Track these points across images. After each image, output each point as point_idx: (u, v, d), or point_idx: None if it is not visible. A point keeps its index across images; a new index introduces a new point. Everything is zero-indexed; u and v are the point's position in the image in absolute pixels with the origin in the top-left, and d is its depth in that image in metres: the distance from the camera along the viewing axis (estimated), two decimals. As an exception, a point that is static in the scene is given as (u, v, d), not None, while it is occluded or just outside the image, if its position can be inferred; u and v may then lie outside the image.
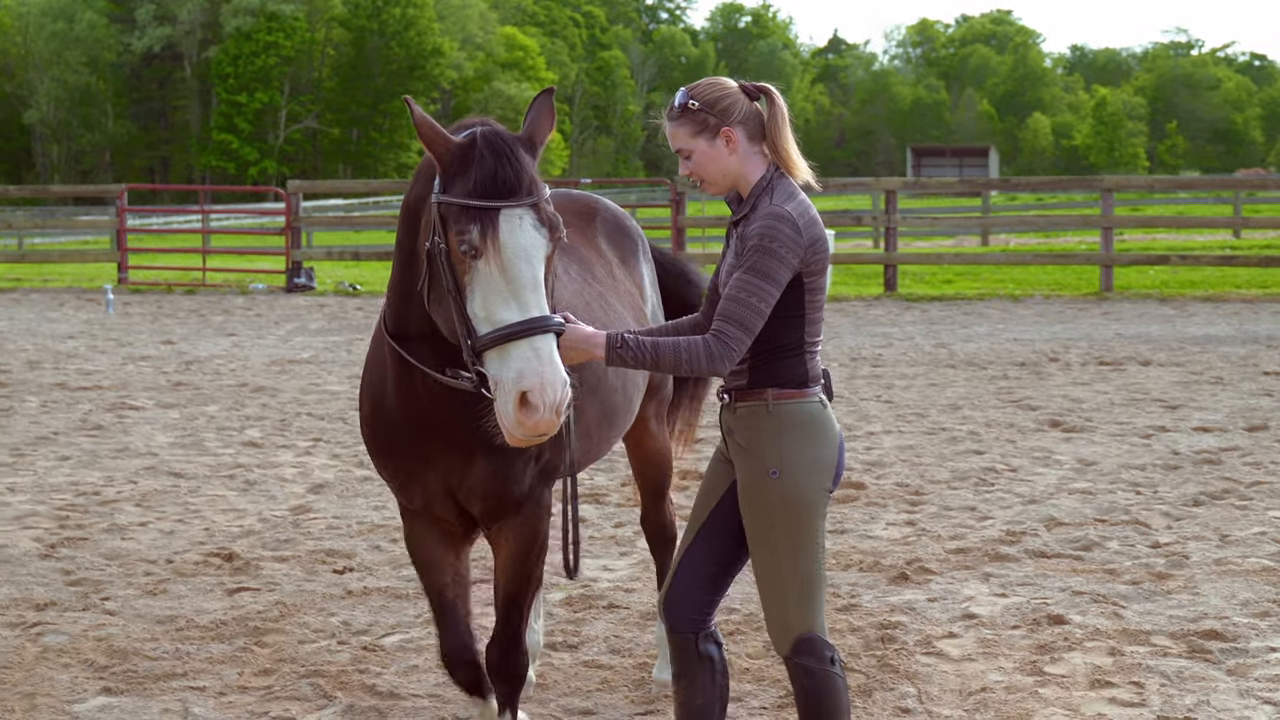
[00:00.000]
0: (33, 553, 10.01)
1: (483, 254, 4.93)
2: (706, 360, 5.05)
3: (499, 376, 4.88)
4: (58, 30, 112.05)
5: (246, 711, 7.14)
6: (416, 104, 5.12)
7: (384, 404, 5.70)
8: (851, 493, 11.53)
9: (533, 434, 4.85)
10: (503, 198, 4.96)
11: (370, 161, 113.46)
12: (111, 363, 19.81)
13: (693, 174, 5.31)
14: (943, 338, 21.86)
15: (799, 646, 5.30)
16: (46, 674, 7.65)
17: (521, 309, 4.90)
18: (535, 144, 5.15)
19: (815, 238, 5.13)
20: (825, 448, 5.25)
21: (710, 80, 5.32)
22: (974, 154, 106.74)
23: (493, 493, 5.67)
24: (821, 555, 5.31)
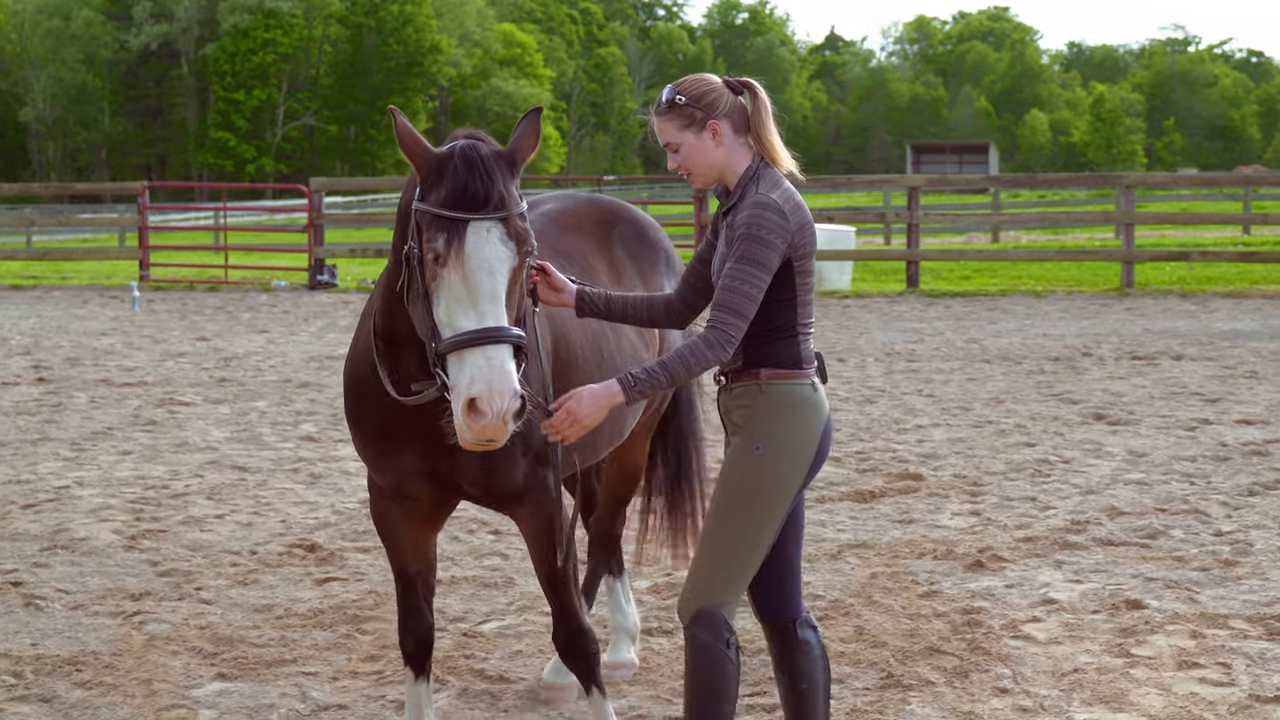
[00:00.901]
0: (116, 545, 10.17)
1: (447, 262, 5.11)
2: (710, 353, 5.22)
3: (454, 381, 5.06)
4: (54, 27, 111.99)
5: (362, 695, 7.32)
6: (401, 115, 5.29)
7: (365, 382, 5.85)
8: (911, 484, 11.73)
9: (480, 439, 5.02)
10: (471, 210, 5.13)
11: (368, 159, 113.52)
12: (150, 359, 19.98)
13: (680, 167, 5.48)
14: (972, 333, 22.05)
15: (699, 618, 5.44)
16: (158, 661, 7.82)
17: (479, 318, 5.08)
18: (516, 161, 5.30)
19: (801, 223, 5.29)
20: (810, 433, 5.39)
21: (695, 76, 5.48)
22: (974, 150, 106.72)
23: (479, 481, 5.84)
24: (766, 543, 5.43)
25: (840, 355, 19.63)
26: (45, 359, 19.95)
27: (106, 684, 7.46)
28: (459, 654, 7.88)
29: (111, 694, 7.33)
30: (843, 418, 14.71)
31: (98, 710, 7.13)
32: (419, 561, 6.24)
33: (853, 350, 20.16)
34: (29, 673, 7.64)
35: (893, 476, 11.99)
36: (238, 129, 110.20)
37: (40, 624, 8.46)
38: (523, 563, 9.68)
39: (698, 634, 5.43)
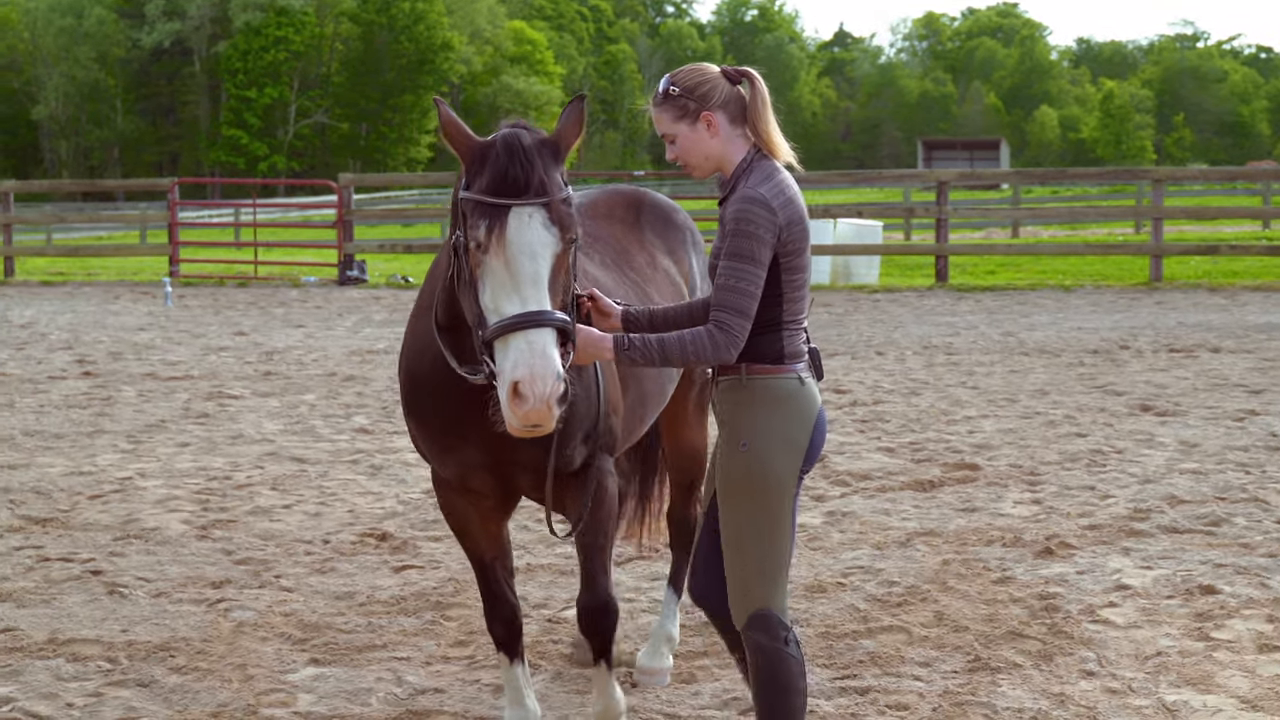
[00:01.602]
0: (188, 534, 10.28)
1: (489, 248, 5.16)
2: (712, 349, 5.23)
3: (500, 368, 5.10)
4: (66, 26, 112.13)
5: (458, 680, 7.41)
6: (445, 104, 5.36)
7: (423, 377, 5.93)
8: (969, 473, 11.82)
9: (526, 424, 5.03)
10: (513, 195, 5.17)
11: (379, 156, 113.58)
12: (192, 353, 20.09)
13: (677, 158, 5.47)
14: (1006, 327, 22.13)
15: (754, 621, 5.45)
16: (249, 647, 7.92)
17: (522, 302, 5.10)
18: (560, 148, 5.32)
19: (792, 217, 5.28)
20: (799, 425, 5.37)
21: (692, 66, 5.48)
22: (985, 146, 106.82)
23: (542, 468, 5.85)
24: (786, 534, 5.44)
25: (879, 349, 19.72)
26: (88, 353, 20.08)
27: (201, 669, 7.56)
28: (546, 640, 7.97)
29: (208, 679, 7.43)
30: (890, 409, 14.82)
31: (197, 694, 7.22)
32: (494, 549, 6.31)
33: (890, 344, 20.24)
34: (123, 658, 7.74)
35: (949, 466, 12.07)
36: (250, 127, 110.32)
37: (126, 611, 8.56)
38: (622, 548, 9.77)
39: (755, 637, 5.46)
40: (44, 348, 20.78)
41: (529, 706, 6.43)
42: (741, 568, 5.44)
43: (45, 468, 12.51)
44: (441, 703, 7.10)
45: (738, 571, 5.46)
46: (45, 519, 10.72)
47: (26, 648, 7.89)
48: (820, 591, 8.72)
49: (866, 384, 16.52)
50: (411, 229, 49.19)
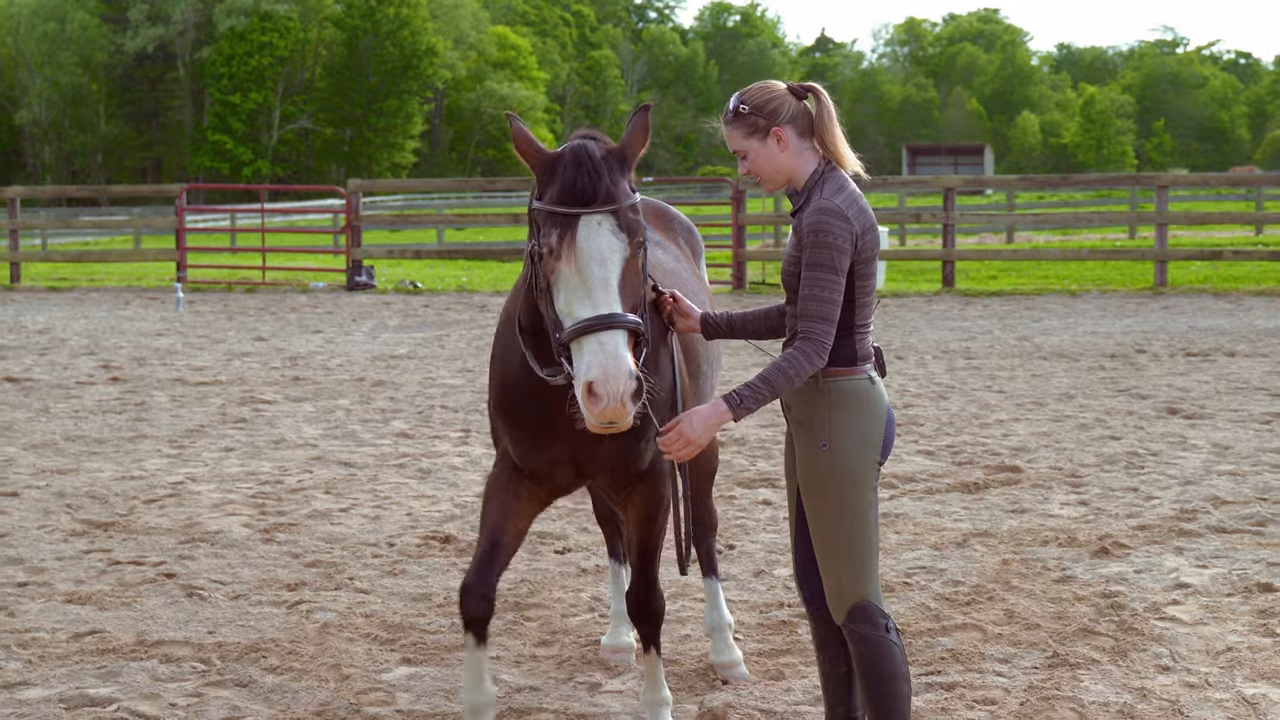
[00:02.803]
0: (252, 538, 10.42)
1: (561, 255, 5.40)
2: (807, 364, 5.43)
3: (575, 369, 5.34)
4: (49, 30, 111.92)
5: (550, 679, 7.58)
6: (518, 120, 5.61)
7: (515, 382, 6.13)
8: (1012, 475, 12.01)
9: (602, 421, 5.26)
10: (582, 205, 5.41)
11: (364, 161, 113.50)
12: (216, 358, 20.21)
13: (750, 172, 5.70)
14: (1020, 331, 22.34)
15: (854, 614, 5.64)
16: (338, 647, 8.07)
17: (594, 306, 5.33)
18: (627, 157, 5.57)
19: (866, 226, 5.49)
20: (873, 422, 5.59)
21: (760, 85, 5.68)
22: (969, 152, 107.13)
23: (619, 466, 6.17)
24: (872, 525, 5.64)
25: (898, 353, 19.92)
26: (111, 359, 20.18)
27: (296, 669, 7.71)
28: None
29: (304, 678, 7.58)
30: (920, 413, 15.01)
31: (296, 694, 7.37)
32: (513, 534, 6.46)
33: (908, 348, 20.43)
34: (215, 659, 7.88)
35: (991, 469, 12.26)
36: (234, 132, 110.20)
37: (208, 613, 8.71)
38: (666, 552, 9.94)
39: (857, 629, 5.64)
40: (66, 353, 20.88)
41: (486, 690, 6.58)
42: (835, 563, 5.64)
43: (95, 472, 12.63)
44: (540, 700, 7.26)
45: (831, 567, 5.65)
46: (106, 523, 10.85)
47: (117, 649, 8.03)
48: (888, 591, 8.90)
49: (893, 388, 16.70)
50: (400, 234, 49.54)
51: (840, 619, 5.69)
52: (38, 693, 7.36)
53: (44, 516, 11.08)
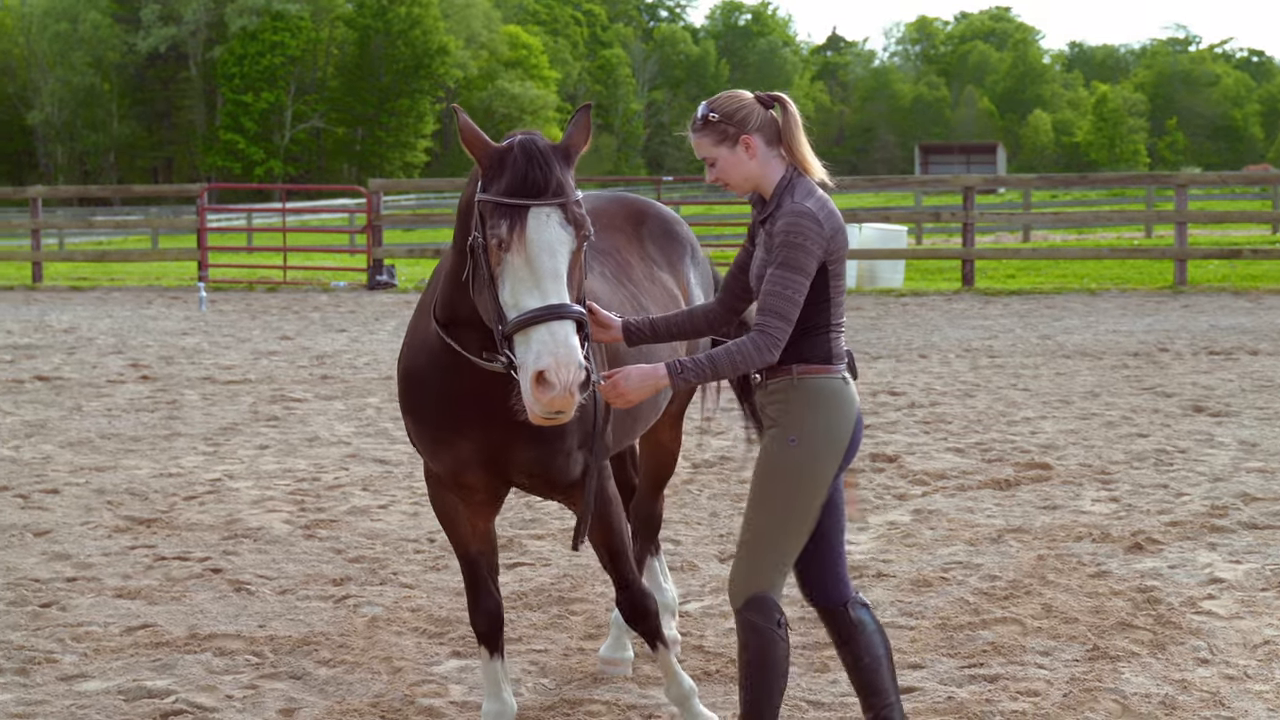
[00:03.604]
0: (294, 534, 10.55)
1: (510, 246, 5.45)
2: (756, 355, 5.55)
3: (522, 359, 5.36)
4: (61, 31, 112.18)
5: (598, 671, 7.70)
6: (464, 112, 5.65)
7: (422, 375, 6.21)
8: (1041, 472, 12.13)
9: (549, 410, 5.30)
10: (532, 196, 5.48)
11: (376, 160, 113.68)
12: (243, 357, 20.36)
13: (718, 179, 5.81)
14: (1041, 330, 22.43)
15: (751, 603, 5.78)
16: (388, 640, 8.20)
17: (543, 297, 5.38)
18: (570, 154, 5.63)
19: (835, 229, 5.63)
20: (843, 423, 5.70)
21: (728, 93, 5.82)
22: (982, 151, 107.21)
23: (539, 474, 6.19)
24: (807, 529, 5.76)
25: (921, 351, 20.03)
26: (139, 358, 20.34)
27: (349, 662, 7.84)
28: (678, 633, 8.24)
29: (357, 671, 7.71)
30: (947, 410, 15.13)
31: (351, 686, 7.50)
32: (480, 542, 6.60)
33: (931, 347, 20.54)
34: (268, 652, 8.01)
35: (1021, 466, 12.38)
36: (246, 131, 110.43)
37: (257, 608, 8.84)
38: (696, 546, 10.09)
39: (750, 617, 5.78)
40: (94, 352, 21.04)
41: (506, 700, 6.71)
42: (755, 552, 5.77)
43: (132, 469, 12.78)
44: (590, 692, 7.38)
45: (749, 554, 5.78)
46: (148, 519, 10.99)
47: (170, 643, 8.16)
48: (926, 586, 9.02)
49: (918, 386, 16.82)
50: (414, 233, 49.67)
51: (737, 605, 5.82)
52: (96, 685, 7.50)
53: (86, 513, 11.22)
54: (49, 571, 9.62)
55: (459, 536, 6.58)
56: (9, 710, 7.11)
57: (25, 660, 7.85)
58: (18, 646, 8.08)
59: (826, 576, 5.99)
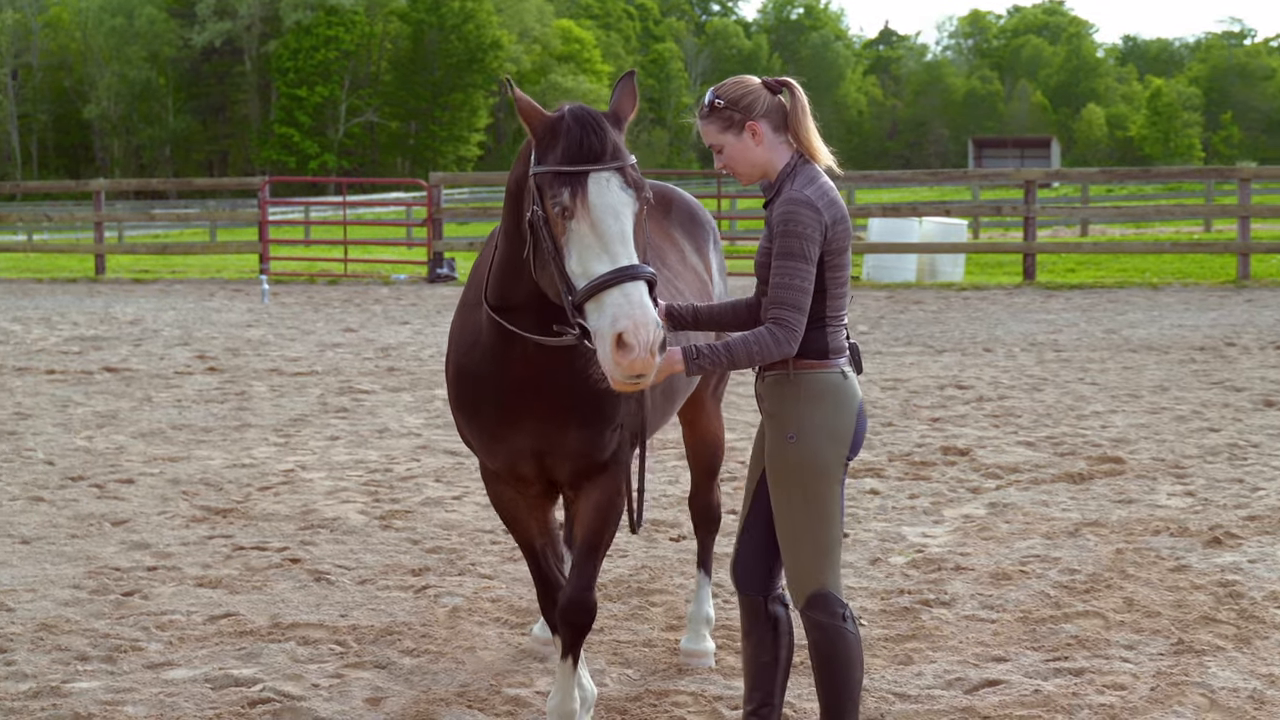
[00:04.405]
0: (370, 525, 10.59)
1: (574, 213, 5.37)
2: (774, 346, 5.51)
3: (597, 325, 5.25)
4: (117, 25, 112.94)
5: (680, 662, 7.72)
6: (515, 84, 5.64)
7: (474, 369, 6.16)
8: (1115, 466, 12.08)
9: (630, 374, 5.19)
10: (590, 162, 5.40)
11: (429, 155, 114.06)
12: (309, 349, 20.46)
13: (725, 166, 5.77)
14: (1105, 324, 22.34)
15: (812, 601, 5.75)
16: (470, 630, 8.23)
17: (612, 260, 5.29)
18: (620, 119, 5.58)
19: (836, 217, 5.57)
20: (843, 417, 5.66)
21: (735, 79, 5.77)
22: (1035, 145, 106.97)
23: (582, 457, 6.13)
24: (835, 517, 5.73)
25: (985, 345, 19.98)
26: (205, 349, 20.46)
27: (433, 652, 7.87)
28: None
29: (441, 660, 7.74)
30: (1016, 404, 15.09)
31: (436, 676, 7.52)
32: (542, 535, 6.57)
33: (995, 341, 20.49)
34: (352, 641, 8.05)
35: (1094, 460, 12.34)
36: (300, 125, 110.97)
37: (338, 598, 8.88)
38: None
39: (814, 616, 5.76)
40: (160, 344, 21.17)
41: (585, 685, 6.71)
42: (797, 552, 5.75)
43: (205, 460, 12.86)
44: (675, 684, 7.39)
45: (793, 556, 5.77)
46: (224, 510, 11.05)
47: (254, 632, 8.21)
48: (1005, 579, 9.00)
49: (985, 380, 16.78)
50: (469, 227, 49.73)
51: (799, 605, 5.80)
52: (183, 673, 7.54)
53: (162, 503, 11.29)
54: (129, 560, 9.69)
55: (521, 530, 6.56)
56: (98, 698, 7.17)
57: (111, 648, 7.90)
58: (103, 635, 8.14)
59: (758, 564, 5.99)
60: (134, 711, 7.01)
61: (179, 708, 7.07)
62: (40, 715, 6.94)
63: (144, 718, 6.95)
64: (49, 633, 8.16)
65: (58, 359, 19.58)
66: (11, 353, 20.30)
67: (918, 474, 11.96)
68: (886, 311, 24.86)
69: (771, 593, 5.99)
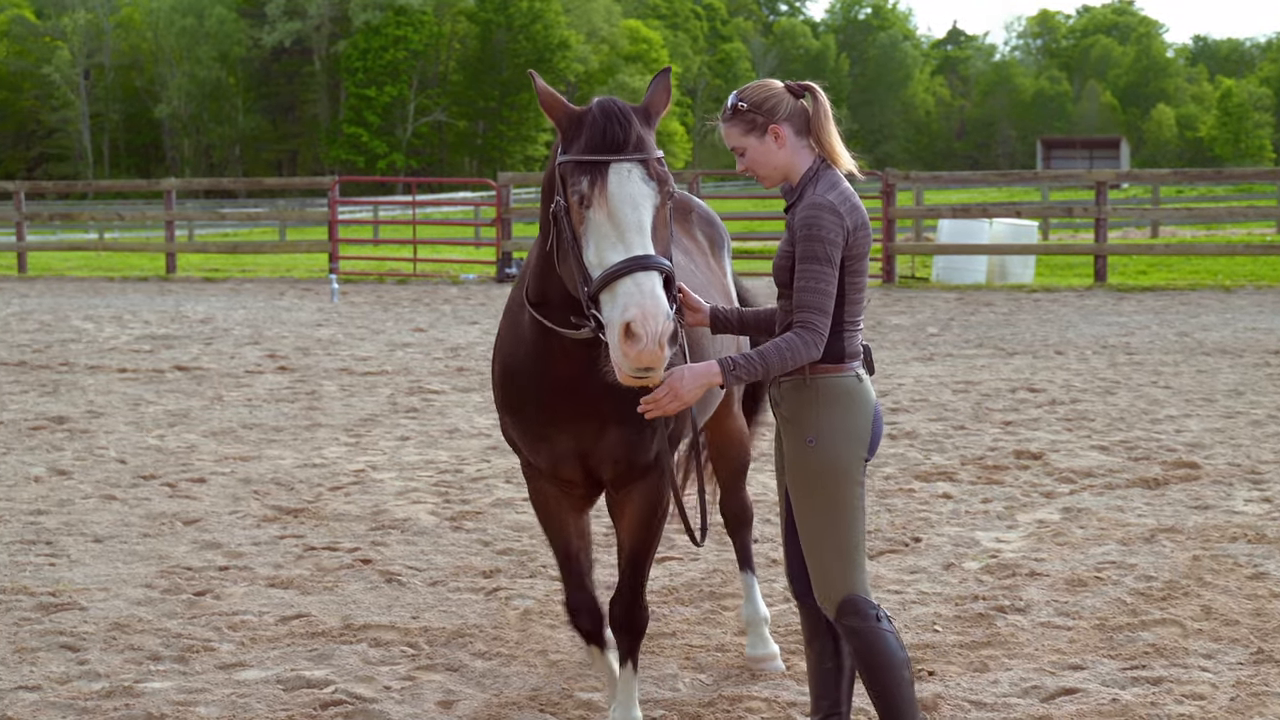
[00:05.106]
0: (441, 525, 10.59)
1: (592, 202, 5.35)
2: (804, 350, 5.50)
3: (608, 316, 5.22)
4: (188, 26, 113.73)
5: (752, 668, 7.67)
6: (540, 77, 5.64)
7: (518, 369, 6.13)
8: (1190, 471, 11.95)
9: (638, 366, 5.15)
10: (612, 152, 5.38)
11: (497, 154, 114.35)
12: (378, 349, 20.52)
13: (747, 169, 5.76)
14: (1178, 327, 22.13)
15: (844, 608, 5.71)
16: (541, 633, 8.20)
17: (627, 250, 5.25)
18: (651, 115, 5.56)
19: (858, 222, 5.58)
20: (860, 419, 5.66)
21: (758, 83, 5.76)
22: (1104, 145, 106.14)
23: (623, 458, 6.09)
24: (858, 520, 5.71)
25: (1057, 348, 19.83)
26: (275, 349, 20.55)
27: (504, 654, 7.85)
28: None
29: (513, 664, 7.71)
30: (1088, 408, 14.96)
31: (508, 679, 7.50)
32: (580, 539, 6.56)
33: (1067, 343, 20.33)
34: (423, 643, 8.04)
35: (1169, 465, 12.21)
36: (369, 125, 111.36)
37: (409, 599, 8.87)
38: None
39: (849, 623, 5.72)
40: (231, 343, 21.28)
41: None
42: (821, 558, 5.73)
43: (276, 460, 12.89)
44: (748, 689, 7.35)
45: (818, 561, 5.74)
46: (296, 509, 11.08)
47: (326, 633, 8.21)
48: (1081, 585, 8.91)
49: (1058, 383, 16.65)
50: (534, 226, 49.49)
51: (831, 614, 5.77)
52: (255, 674, 7.56)
53: (234, 502, 11.33)
54: (201, 560, 9.72)
55: (558, 532, 6.54)
56: (171, 698, 7.18)
57: (184, 648, 7.93)
58: (175, 634, 8.16)
59: (801, 567, 5.96)
60: (206, 712, 7.02)
61: (251, 709, 7.07)
62: (113, 715, 6.96)
63: (216, 718, 6.96)
64: (122, 632, 8.20)
65: (129, 357, 19.71)
66: (84, 351, 20.43)
67: (990, 478, 11.87)
68: (956, 313, 24.72)
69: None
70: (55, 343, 21.47)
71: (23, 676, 7.51)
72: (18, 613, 8.58)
